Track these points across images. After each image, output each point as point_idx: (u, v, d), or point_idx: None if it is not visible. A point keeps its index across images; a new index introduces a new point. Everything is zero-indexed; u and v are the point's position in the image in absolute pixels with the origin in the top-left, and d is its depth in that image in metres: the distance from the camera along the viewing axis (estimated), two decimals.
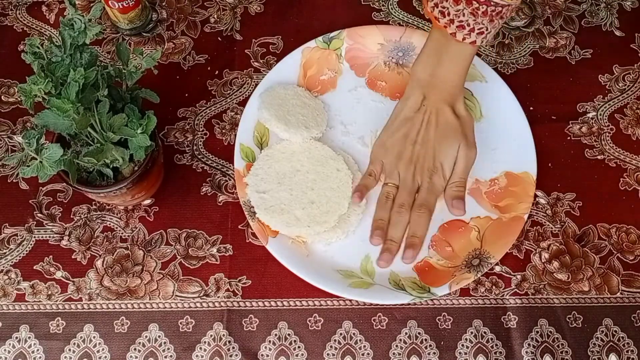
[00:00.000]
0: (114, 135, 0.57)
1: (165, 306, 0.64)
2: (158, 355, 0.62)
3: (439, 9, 0.58)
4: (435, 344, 0.62)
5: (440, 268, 0.64)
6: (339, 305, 0.64)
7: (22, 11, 0.80)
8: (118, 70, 0.60)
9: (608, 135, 0.72)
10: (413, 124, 0.65)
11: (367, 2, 0.80)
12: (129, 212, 0.68)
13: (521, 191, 0.67)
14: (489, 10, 0.56)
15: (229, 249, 0.66)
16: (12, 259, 0.66)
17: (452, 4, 0.57)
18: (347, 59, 0.75)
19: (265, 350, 0.62)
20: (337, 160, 0.67)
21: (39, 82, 0.52)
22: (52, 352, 0.62)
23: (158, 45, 0.77)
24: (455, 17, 0.57)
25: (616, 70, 0.75)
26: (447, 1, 0.57)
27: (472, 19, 0.57)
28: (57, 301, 0.64)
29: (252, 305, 0.64)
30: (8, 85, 0.75)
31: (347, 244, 0.65)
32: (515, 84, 0.72)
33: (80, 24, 0.55)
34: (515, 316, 0.63)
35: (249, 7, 0.80)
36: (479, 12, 0.56)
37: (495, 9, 0.56)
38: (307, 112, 0.70)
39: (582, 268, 0.65)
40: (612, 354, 0.62)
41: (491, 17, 0.57)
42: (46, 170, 0.54)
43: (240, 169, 0.67)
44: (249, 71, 0.76)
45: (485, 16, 0.56)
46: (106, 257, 0.66)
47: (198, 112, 0.73)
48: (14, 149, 0.72)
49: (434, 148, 0.64)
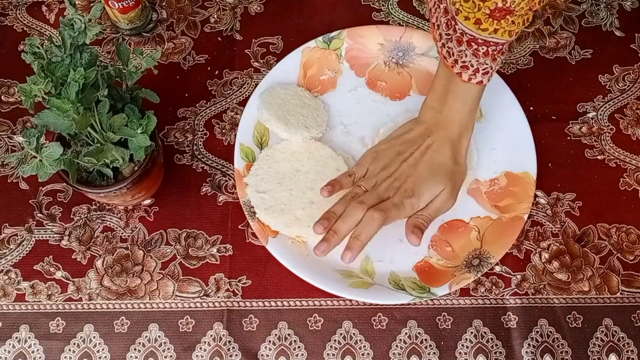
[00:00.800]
0: (114, 135, 0.57)
1: (165, 306, 0.64)
2: (158, 355, 0.62)
3: (445, 48, 0.58)
4: (435, 344, 0.62)
5: (440, 268, 0.64)
6: (339, 305, 0.64)
7: (22, 11, 0.80)
8: (118, 70, 0.60)
9: (608, 135, 0.72)
10: (411, 145, 0.63)
11: (367, 2, 0.80)
12: (129, 212, 0.68)
13: (521, 191, 0.67)
14: (490, 50, 0.55)
15: (229, 249, 0.66)
16: (12, 259, 0.66)
17: (455, 44, 0.56)
18: (347, 59, 0.75)
19: (265, 350, 0.62)
20: (337, 161, 0.67)
21: (39, 82, 0.52)
22: (52, 352, 0.62)
23: (158, 45, 0.77)
24: (459, 57, 0.57)
25: (616, 70, 0.76)
26: (452, 42, 0.56)
27: (474, 59, 0.56)
28: (57, 301, 0.64)
29: (252, 305, 0.64)
30: (8, 85, 0.75)
31: (347, 244, 0.65)
32: (515, 84, 0.72)
33: (80, 24, 0.55)
34: (515, 316, 0.63)
35: (249, 7, 0.80)
36: (480, 52, 0.55)
37: (497, 48, 0.55)
38: (307, 112, 0.70)
39: (582, 268, 0.65)
40: (612, 354, 0.62)
41: (493, 57, 0.56)
42: (46, 169, 0.54)
43: (240, 169, 0.67)
44: (249, 71, 0.76)
45: (487, 56, 0.56)
46: (106, 257, 0.66)
47: (198, 112, 0.73)
48: (14, 148, 0.72)
49: (419, 177, 0.61)
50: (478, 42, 0.55)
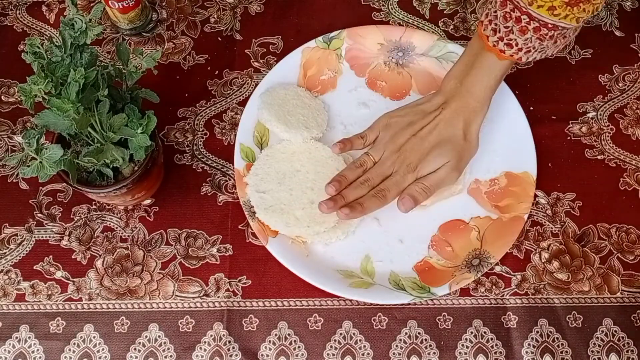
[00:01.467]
0: (114, 135, 0.57)
1: (165, 306, 0.64)
2: (158, 355, 0.62)
3: (491, 26, 0.59)
4: (435, 344, 0.62)
5: (440, 268, 0.64)
6: (339, 305, 0.64)
7: (22, 11, 0.80)
8: (118, 70, 0.60)
9: (608, 135, 0.72)
10: (425, 117, 0.64)
11: (367, 2, 0.80)
12: (129, 212, 0.68)
13: (521, 191, 0.67)
14: (555, 35, 0.57)
15: (229, 249, 0.66)
16: (12, 259, 0.66)
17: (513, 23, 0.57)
18: (347, 59, 0.75)
19: (265, 350, 0.62)
20: (337, 161, 0.67)
21: (39, 82, 0.52)
22: (52, 352, 0.62)
23: (158, 45, 0.77)
24: (505, 35, 0.58)
25: (616, 70, 0.76)
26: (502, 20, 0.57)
27: (521, 38, 0.57)
28: (57, 301, 0.64)
29: (252, 305, 0.64)
30: (8, 85, 0.75)
31: (347, 244, 0.65)
32: (515, 84, 0.72)
33: (81, 24, 0.55)
34: (515, 316, 0.63)
35: (249, 7, 0.80)
36: (546, 36, 0.57)
37: (562, 32, 0.57)
38: (308, 113, 0.70)
39: (582, 268, 0.65)
40: (612, 354, 0.62)
41: (555, 39, 0.57)
42: (46, 171, 0.54)
43: (240, 169, 0.67)
44: (249, 71, 0.76)
45: (552, 39, 0.57)
46: (106, 257, 0.66)
47: (198, 112, 0.73)
48: (14, 149, 0.72)
49: (425, 150, 0.63)
50: (548, 27, 0.56)
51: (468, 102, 0.63)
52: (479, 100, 0.63)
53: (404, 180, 0.62)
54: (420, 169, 0.62)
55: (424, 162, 0.62)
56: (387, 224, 0.66)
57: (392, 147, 0.64)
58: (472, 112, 0.63)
